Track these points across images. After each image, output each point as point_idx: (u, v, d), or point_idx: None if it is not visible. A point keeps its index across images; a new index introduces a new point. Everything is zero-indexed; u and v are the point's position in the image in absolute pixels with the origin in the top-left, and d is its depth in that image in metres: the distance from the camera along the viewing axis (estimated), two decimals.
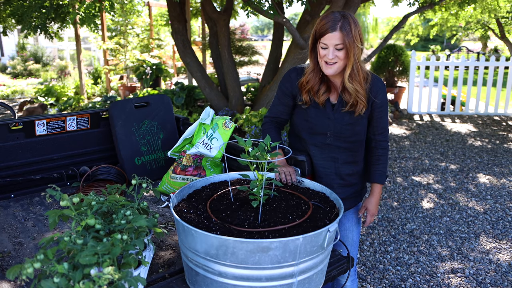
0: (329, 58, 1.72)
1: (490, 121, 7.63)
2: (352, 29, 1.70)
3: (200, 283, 1.36)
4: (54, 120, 2.40)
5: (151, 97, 2.63)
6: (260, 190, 1.48)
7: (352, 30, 1.70)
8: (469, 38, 24.42)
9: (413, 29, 12.51)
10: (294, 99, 1.93)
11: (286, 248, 1.26)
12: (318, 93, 1.85)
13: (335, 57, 1.72)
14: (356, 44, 1.71)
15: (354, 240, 2.09)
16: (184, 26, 6.19)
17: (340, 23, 1.69)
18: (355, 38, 1.70)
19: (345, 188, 1.97)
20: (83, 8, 4.02)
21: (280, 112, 1.98)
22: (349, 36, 1.69)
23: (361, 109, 1.82)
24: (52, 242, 1.22)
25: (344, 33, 1.68)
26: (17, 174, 2.33)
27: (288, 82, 1.91)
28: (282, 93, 1.94)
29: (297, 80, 1.89)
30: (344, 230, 2.08)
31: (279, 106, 1.97)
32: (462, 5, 7.03)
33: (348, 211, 2.06)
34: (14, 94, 10.75)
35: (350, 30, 1.69)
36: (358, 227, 2.11)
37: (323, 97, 1.85)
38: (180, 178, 2.25)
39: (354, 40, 1.70)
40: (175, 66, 12.87)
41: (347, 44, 1.69)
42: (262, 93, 6.03)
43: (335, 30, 1.69)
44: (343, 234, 2.07)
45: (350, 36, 1.69)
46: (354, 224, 2.08)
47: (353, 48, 1.71)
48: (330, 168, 1.93)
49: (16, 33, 15.11)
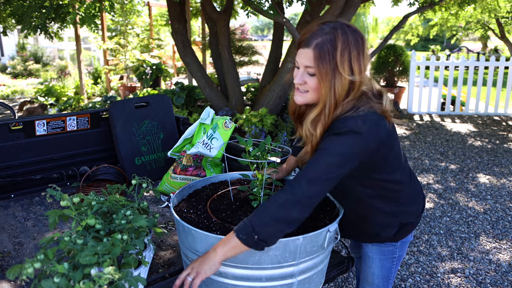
0: (295, 81, 1.31)
1: (490, 121, 7.63)
2: (337, 51, 1.22)
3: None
4: (54, 120, 2.40)
5: (151, 97, 2.63)
6: (260, 190, 1.48)
7: (336, 52, 1.22)
8: (469, 38, 24.42)
9: (413, 29, 12.51)
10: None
11: (286, 248, 1.26)
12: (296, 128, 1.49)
13: (304, 83, 1.29)
14: (338, 73, 1.23)
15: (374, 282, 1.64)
16: (184, 26, 6.19)
17: (320, 38, 1.23)
18: (338, 64, 1.22)
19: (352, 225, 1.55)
20: (83, 8, 4.02)
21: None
22: (326, 60, 1.22)
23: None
24: (52, 242, 1.22)
25: (319, 54, 1.22)
26: (17, 174, 2.33)
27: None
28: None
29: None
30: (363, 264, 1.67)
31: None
32: (462, 5, 7.03)
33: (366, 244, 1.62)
34: (14, 94, 10.75)
35: (331, 51, 1.21)
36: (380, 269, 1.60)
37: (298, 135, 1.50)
38: (180, 178, 2.25)
39: (336, 67, 1.22)
40: (175, 66, 12.87)
41: (321, 71, 1.23)
42: (262, 93, 6.03)
43: (308, 46, 1.24)
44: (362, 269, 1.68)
45: (328, 60, 1.22)
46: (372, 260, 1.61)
47: (329, 79, 1.23)
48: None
49: (16, 33, 15.11)
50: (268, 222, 1.19)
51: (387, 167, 1.39)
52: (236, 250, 1.22)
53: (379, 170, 1.38)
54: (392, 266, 1.60)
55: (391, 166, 1.40)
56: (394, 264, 1.61)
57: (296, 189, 1.21)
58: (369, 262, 1.62)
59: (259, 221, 1.20)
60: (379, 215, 1.47)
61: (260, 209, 1.23)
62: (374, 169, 1.37)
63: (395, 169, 1.42)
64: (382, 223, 1.49)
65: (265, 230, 1.18)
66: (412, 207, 1.50)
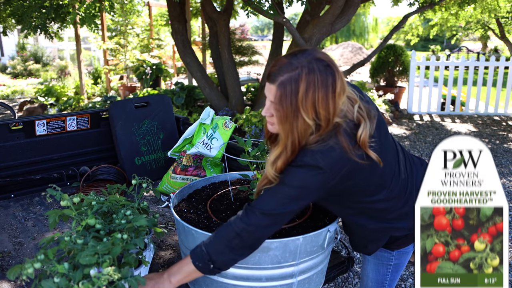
0: (262, 113, 1.26)
1: (490, 121, 7.63)
2: (299, 92, 1.12)
3: (200, 283, 1.36)
4: (54, 120, 2.40)
5: (151, 97, 2.63)
6: None
7: (299, 94, 1.13)
8: (469, 38, 24.42)
9: (413, 29, 12.51)
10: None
11: (286, 248, 1.26)
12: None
13: (271, 115, 1.23)
14: (300, 116, 1.14)
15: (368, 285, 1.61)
16: (184, 26, 6.19)
17: (285, 75, 1.14)
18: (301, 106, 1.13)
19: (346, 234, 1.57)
20: (83, 8, 4.02)
21: None
22: (288, 101, 1.14)
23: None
24: (52, 242, 1.22)
25: (281, 93, 1.14)
26: (17, 174, 2.33)
27: None
28: None
29: None
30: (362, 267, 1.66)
31: None
32: (462, 5, 7.03)
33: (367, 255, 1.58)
34: (14, 94, 10.75)
35: (294, 92, 1.13)
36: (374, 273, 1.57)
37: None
38: (180, 178, 2.26)
39: (298, 110, 1.13)
40: (175, 66, 12.87)
41: (281, 112, 1.16)
42: (262, 93, 6.03)
43: (273, 81, 1.17)
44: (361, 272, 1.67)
45: (290, 101, 1.13)
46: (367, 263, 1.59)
47: (290, 122, 1.15)
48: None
49: (16, 33, 15.10)
50: (223, 251, 1.19)
51: (364, 192, 1.32)
52: (191, 276, 1.24)
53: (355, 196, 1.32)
54: (387, 272, 1.55)
55: (369, 191, 1.32)
56: (390, 271, 1.55)
57: (251, 219, 1.18)
58: (365, 264, 1.60)
59: (215, 249, 1.20)
60: (364, 230, 1.43)
61: (216, 236, 1.22)
62: (348, 197, 1.32)
63: (377, 191, 1.33)
64: (367, 237, 1.45)
65: (220, 258, 1.20)
66: (406, 222, 1.41)
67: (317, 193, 1.22)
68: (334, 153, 1.17)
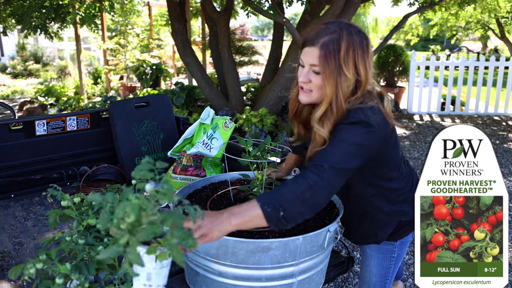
0: (300, 80, 1.32)
1: (490, 121, 7.63)
2: (341, 50, 1.23)
3: (200, 283, 1.36)
4: (54, 120, 2.40)
5: (151, 97, 2.63)
6: (260, 190, 1.49)
7: (341, 52, 1.23)
8: (469, 38, 24.42)
9: (413, 29, 12.52)
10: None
11: (286, 248, 1.26)
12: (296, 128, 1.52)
13: (308, 81, 1.30)
14: (343, 73, 1.24)
15: (371, 280, 1.64)
16: (184, 26, 6.19)
17: (326, 37, 1.24)
18: (343, 63, 1.24)
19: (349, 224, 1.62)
20: (83, 8, 4.03)
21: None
22: (331, 59, 1.23)
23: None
24: (52, 242, 1.22)
25: (325, 52, 1.24)
26: (17, 174, 2.33)
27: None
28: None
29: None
30: (362, 264, 1.69)
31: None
32: (462, 5, 7.03)
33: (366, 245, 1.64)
34: (14, 94, 10.75)
35: (336, 50, 1.23)
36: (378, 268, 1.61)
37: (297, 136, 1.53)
38: (180, 178, 2.26)
39: (341, 66, 1.24)
40: (175, 66, 12.87)
41: (326, 69, 1.24)
42: (262, 93, 6.03)
43: (314, 44, 1.26)
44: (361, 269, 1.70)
45: (334, 59, 1.23)
46: (370, 258, 1.62)
47: (335, 78, 1.24)
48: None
49: (16, 33, 15.11)
50: (295, 201, 1.15)
51: (387, 165, 1.41)
52: (254, 222, 1.16)
53: (381, 168, 1.40)
54: (390, 265, 1.59)
55: (391, 165, 1.42)
56: (393, 264, 1.60)
57: (323, 174, 1.18)
58: (367, 260, 1.63)
59: (286, 198, 1.15)
60: (377, 213, 1.49)
61: (286, 187, 1.18)
62: (376, 167, 1.39)
63: (394, 169, 1.44)
64: (379, 222, 1.50)
65: (291, 208, 1.15)
66: (412, 207, 1.49)
67: (368, 153, 1.27)
68: (380, 114, 1.29)
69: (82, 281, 1.04)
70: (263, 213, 1.14)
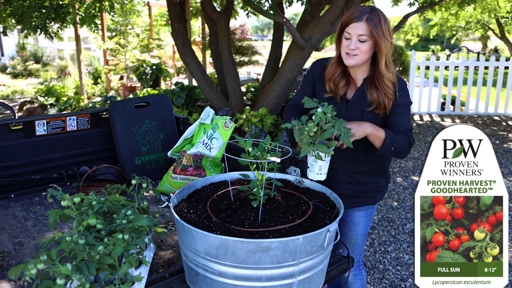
0: (350, 48, 1.71)
1: (490, 121, 7.63)
2: (381, 22, 1.69)
3: (200, 283, 1.36)
4: (54, 120, 2.40)
5: (151, 97, 2.63)
6: (260, 190, 1.48)
7: (381, 23, 1.69)
8: (469, 38, 24.42)
9: (413, 29, 12.52)
10: (314, 88, 1.96)
11: (286, 248, 1.26)
12: (338, 86, 1.84)
13: (356, 48, 1.71)
14: (386, 37, 1.69)
15: (357, 241, 2.04)
16: (184, 26, 6.19)
17: (367, 14, 1.69)
18: (384, 31, 1.69)
19: (351, 185, 1.93)
20: (83, 8, 4.03)
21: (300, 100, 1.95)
22: (378, 28, 1.68)
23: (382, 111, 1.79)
24: (52, 242, 1.22)
25: (370, 24, 1.67)
26: (17, 174, 2.33)
27: (311, 72, 1.96)
28: (305, 82, 1.99)
29: (319, 71, 1.93)
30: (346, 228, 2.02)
31: (300, 95, 1.98)
32: (462, 5, 7.03)
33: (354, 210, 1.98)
34: (14, 94, 10.75)
35: (378, 22, 1.69)
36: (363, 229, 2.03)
37: (342, 91, 1.84)
38: (180, 178, 2.26)
39: (384, 33, 1.69)
40: (175, 66, 12.88)
41: (375, 35, 1.68)
42: (262, 93, 6.03)
43: (361, 20, 1.69)
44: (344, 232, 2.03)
45: (379, 28, 1.68)
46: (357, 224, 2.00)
47: (383, 41, 1.69)
48: (337, 163, 1.88)
49: (16, 33, 15.11)
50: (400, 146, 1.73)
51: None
52: (376, 140, 1.71)
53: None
54: (369, 224, 2.05)
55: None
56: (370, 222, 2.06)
57: (412, 137, 1.77)
58: (354, 226, 2.01)
59: (399, 143, 1.73)
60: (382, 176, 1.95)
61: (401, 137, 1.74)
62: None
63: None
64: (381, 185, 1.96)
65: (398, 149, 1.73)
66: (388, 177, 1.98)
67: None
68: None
69: (83, 281, 1.04)
70: (384, 140, 1.70)
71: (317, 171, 1.55)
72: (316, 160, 1.52)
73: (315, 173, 1.57)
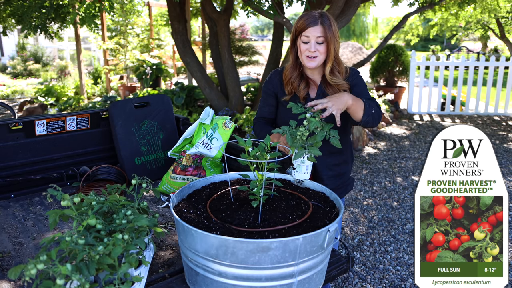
0: (310, 50, 1.83)
1: (490, 121, 7.63)
2: (332, 25, 1.84)
3: (200, 283, 1.37)
4: (54, 120, 2.40)
5: (151, 97, 2.63)
6: (260, 190, 1.48)
7: (332, 26, 1.84)
8: (469, 38, 24.42)
9: (413, 29, 12.51)
10: (277, 98, 2.07)
11: (286, 248, 1.26)
12: (299, 88, 1.97)
13: (316, 50, 1.84)
14: (336, 39, 1.85)
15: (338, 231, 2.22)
16: (184, 26, 6.19)
17: (320, 18, 1.84)
18: (334, 33, 1.85)
19: (333, 179, 2.06)
20: (83, 8, 4.03)
21: (266, 113, 2.13)
22: (330, 30, 1.83)
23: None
24: (52, 242, 1.22)
25: (325, 27, 1.82)
26: (17, 174, 2.33)
27: (270, 83, 2.07)
28: (266, 94, 2.10)
29: (278, 79, 2.05)
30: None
31: (264, 108, 2.13)
32: (462, 5, 7.03)
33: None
34: (14, 94, 10.75)
35: (330, 25, 1.84)
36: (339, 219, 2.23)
37: (303, 92, 1.97)
38: (180, 178, 2.26)
39: (334, 35, 1.84)
40: (175, 66, 12.88)
41: (328, 37, 1.82)
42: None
43: (316, 24, 1.84)
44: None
45: (331, 30, 1.83)
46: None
47: (333, 42, 1.84)
48: (318, 159, 1.98)
49: (16, 33, 15.11)
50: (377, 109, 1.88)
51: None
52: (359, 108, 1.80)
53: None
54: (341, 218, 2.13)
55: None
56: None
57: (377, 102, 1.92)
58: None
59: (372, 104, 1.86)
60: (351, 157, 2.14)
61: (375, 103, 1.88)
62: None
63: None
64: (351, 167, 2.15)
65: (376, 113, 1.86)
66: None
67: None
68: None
69: (83, 281, 1.04)
70: (364, 104, 1.81)
71: (304, 170, 1.66)
72: (304, 161, 1.63)
73: (302, 173, 1.67)
